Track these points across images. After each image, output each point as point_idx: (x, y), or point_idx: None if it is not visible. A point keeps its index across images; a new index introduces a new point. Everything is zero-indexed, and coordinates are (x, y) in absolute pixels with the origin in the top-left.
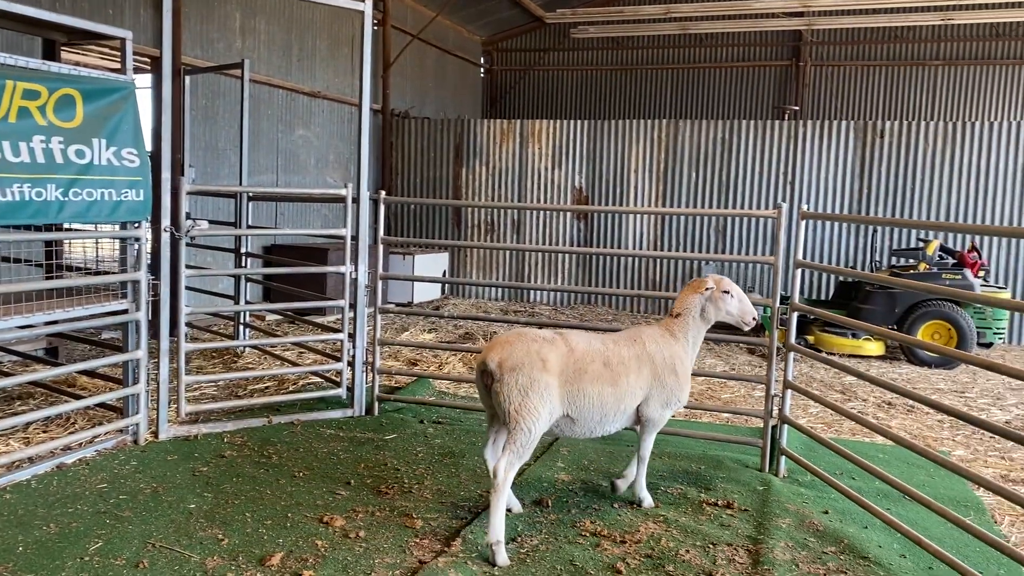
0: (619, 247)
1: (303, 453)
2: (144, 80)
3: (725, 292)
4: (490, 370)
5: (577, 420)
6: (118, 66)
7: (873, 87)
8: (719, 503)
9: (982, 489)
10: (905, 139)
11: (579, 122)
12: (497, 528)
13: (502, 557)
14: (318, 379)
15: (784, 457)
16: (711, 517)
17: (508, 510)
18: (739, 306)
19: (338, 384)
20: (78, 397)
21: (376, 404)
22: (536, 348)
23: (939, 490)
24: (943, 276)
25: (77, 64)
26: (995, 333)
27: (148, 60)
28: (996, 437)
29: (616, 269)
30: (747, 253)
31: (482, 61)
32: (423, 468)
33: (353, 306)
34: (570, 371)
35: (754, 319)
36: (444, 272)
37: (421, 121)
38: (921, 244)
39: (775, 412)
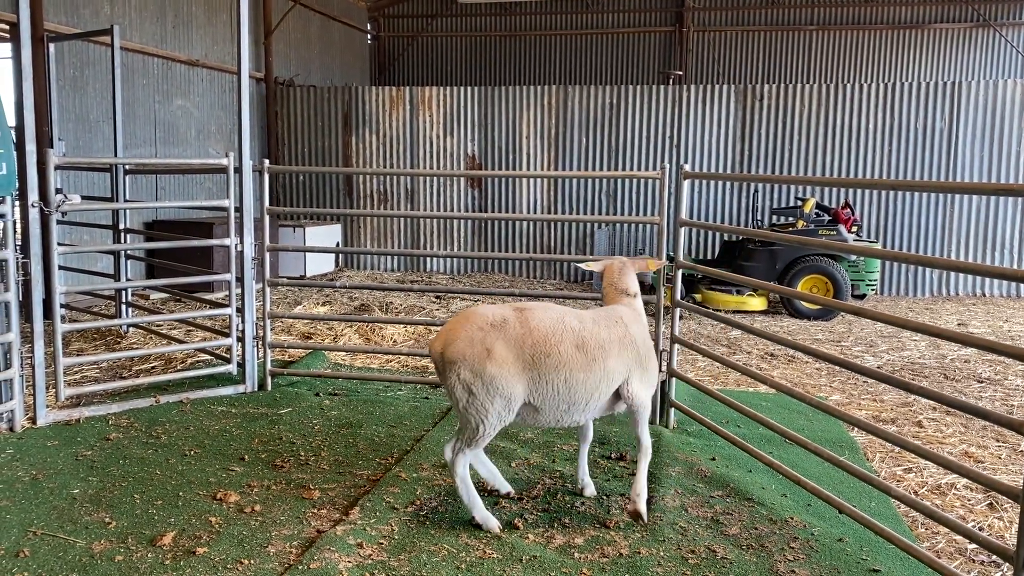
0: (513, 213)
1: (194, 431)
2: (3, 49)
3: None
4: (434, 360)
5: (540, 409)
6: None
7: (753, 52)
8: (612, 456)
9: (856, 430)
10: (783, 101)
11: (470, 89)
12: (475, 505)
13: (492, 523)
14: (207, 356)
15: (673, 409)
16: (604, 470)
17: (497, 492)
18: None
19: (228, 360)
20: None
21: (269, 379)
22: (480, 336)
23: (817, 433)
24: (820, 232)
25: None
26: (868, 285)
27: (6, 27)
28: (869, 381)
29: (511, 235)
30: (637, 215)
31: (369, 28)
32: (319, 440)
33: (240, 280)
34: (527, 356)
35: None
36: (337, 243)
37: (307, 89)
38: (799, 202)
39: (664, 367)
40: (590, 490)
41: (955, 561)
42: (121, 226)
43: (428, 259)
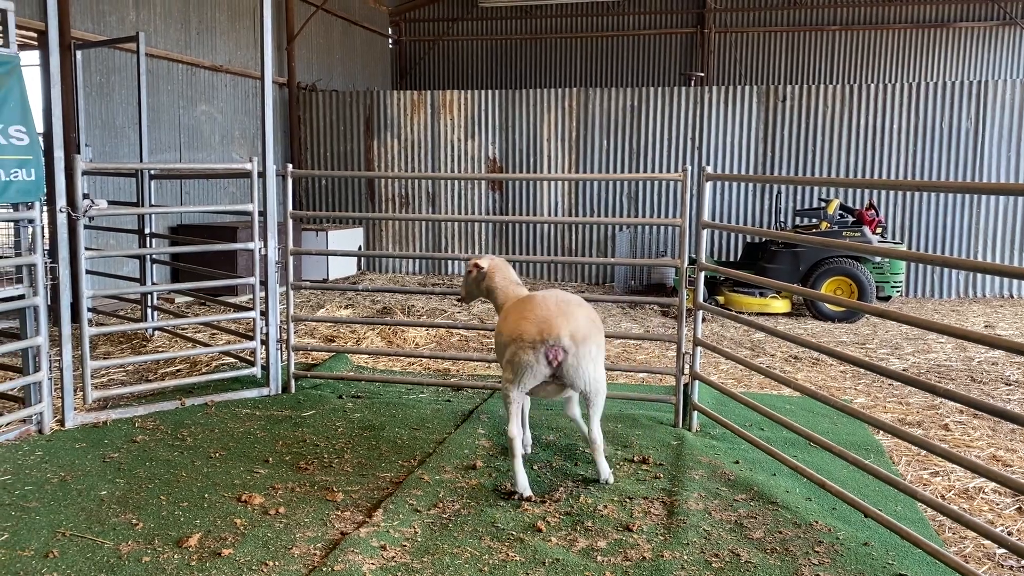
0: (534, 216)
1: (219, 434)
2: (32, 57)
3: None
4: (563, 345)
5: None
6: (0, 41)
7: (775, 53)
8: (635, 459)
9: (881, 433)
10: (806, 102)
11: (491, 92)
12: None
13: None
14: (232, 359)
15: (696, 412)
16: (628, 473)
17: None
18: None
19: (252, 363)
20: None
21: (292, 381)
22: (592, 315)
23: (842, 436)
24: (844, 234)
25: None
26: (893, 287)
27: (34, 35)
28: (894, 384)
29: (532, 237)
30: (658, 217)
31: (390, 32)
32: (343, 442)
33: (264, 283)
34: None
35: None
36: (359, 247)
37: (329, 94)
38: (822, 204)
39: (687, 370)
40: (599, 442)
41: (983, 566)
42: (146, 231)
43: (449, 262)
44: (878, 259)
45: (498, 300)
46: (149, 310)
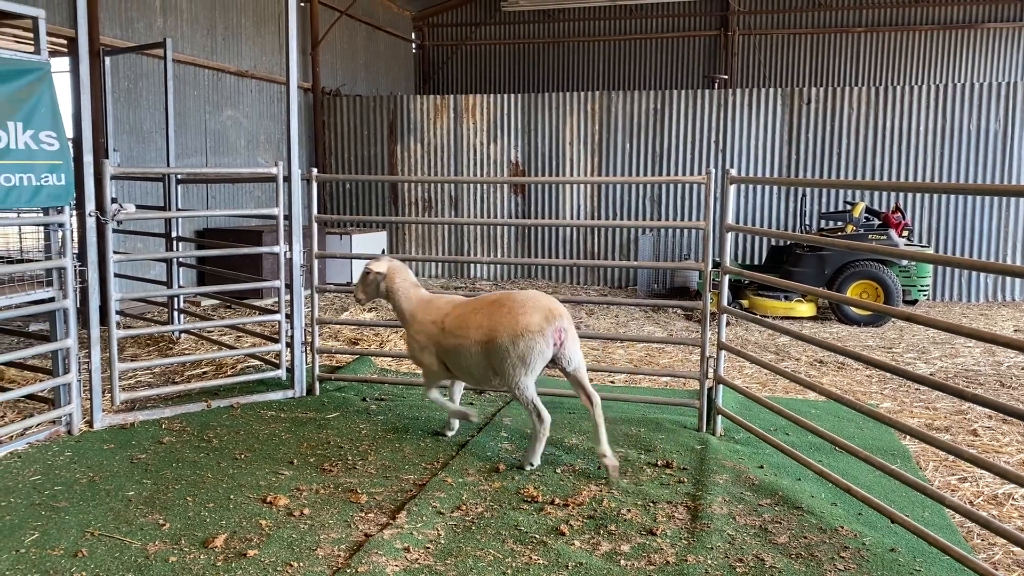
0: (556, 219)
1: (244, 435)
2: (61, 63)
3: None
4: (563, 327)
5: None
6: (31, 49)
7: (800, 54)
8: (659, 463)
9: (908, 438)
10: (831, 104)
11: (513, 96)
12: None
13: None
14: (257, 362)
15: (720, 416)
16: (651, 477)
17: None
18: None
19: (277, 366)
20: (5, 390)
21: (317, 384)
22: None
23: (868, 441)
24: (869, 237)
25: None
26: (919, 290)
27: (64, 42)
28: (921, 388)
29: (554, 241)
30: (681, 220)
31: (413, 37)
32: (366, 445)
33: (289, 286)
34: None
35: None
36: (383, 250)
37: (353, 99)
38: (848, 207)
39: (711, 373)
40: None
41: (1013, 573)
42: (173, 234)
43: (472, 265)
44: (905, 262)
45: (399, 302)
46: (176, 313)
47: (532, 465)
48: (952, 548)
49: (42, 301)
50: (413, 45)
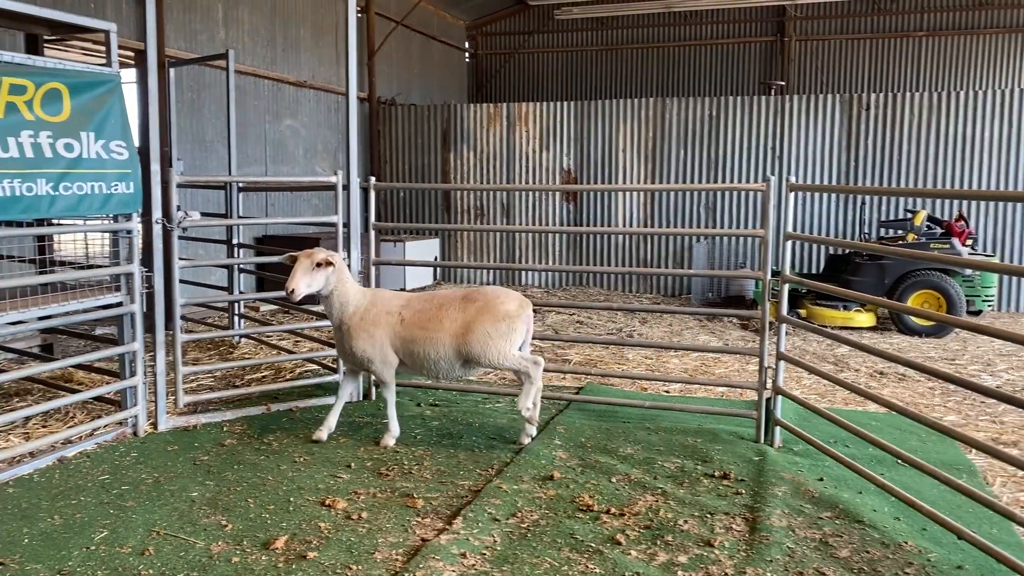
0: (609, 226)
1: (303, 439)
2: (129, 74)
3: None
4: (530, 314)
5: None
6: (102, 61)
7: (858, 60)
8: (716, 474)
9: (974, 452)
10: (891, 111)
11: (566, 104)
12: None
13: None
14: (315, 366)
15: (779, 427)
16: (708, 488)
17: None
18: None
19: (335, 370)
20: (75, 392)
21: (373, 389)
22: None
23: (931, 454)
24: (931, 246)
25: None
26: (984, 300)
27: (132, 54)
28: (987, 401)
29: (606, 248)
30: (736, 228)
31: (467, 46)
32: (422, 450)
33: None
34: None
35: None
36: (436, 258)
37: (408, 108)
38: (909, 215)
39: (769, 384)
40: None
41: None
42: (234, 241)
43: (523, 273)
44: (968, 272)
45: (350, 294)
46: (236, 318)
47: (529, 409)
48: (1022, 566)
49: (111, 306)
50: (466, 54)
